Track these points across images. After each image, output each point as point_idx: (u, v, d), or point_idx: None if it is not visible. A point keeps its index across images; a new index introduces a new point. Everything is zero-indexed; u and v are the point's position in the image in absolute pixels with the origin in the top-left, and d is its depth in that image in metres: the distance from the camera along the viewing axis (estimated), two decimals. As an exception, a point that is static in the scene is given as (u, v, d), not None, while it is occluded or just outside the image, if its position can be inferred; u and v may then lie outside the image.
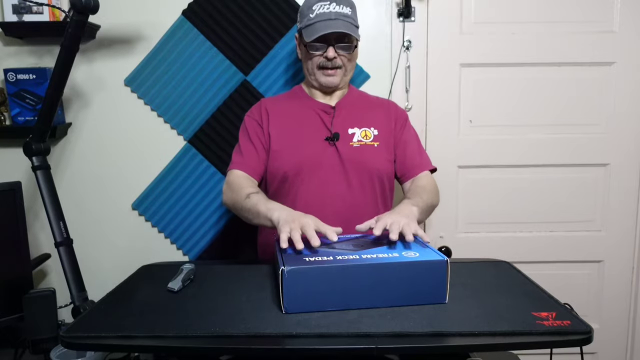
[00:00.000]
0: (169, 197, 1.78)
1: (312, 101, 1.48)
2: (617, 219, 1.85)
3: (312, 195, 1.39)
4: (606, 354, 1.92)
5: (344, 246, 1.10)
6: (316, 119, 1.45)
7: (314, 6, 1.37)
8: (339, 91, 1.49)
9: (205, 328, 0.92)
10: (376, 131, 1.44)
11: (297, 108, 1.47)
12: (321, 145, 1.41)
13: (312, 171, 1.39)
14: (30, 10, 1.58)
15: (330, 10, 1.36)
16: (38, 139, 1.43)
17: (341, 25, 1.34)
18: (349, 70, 1.45)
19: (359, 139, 1.42)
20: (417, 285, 0.99)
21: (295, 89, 1.55)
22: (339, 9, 1.37)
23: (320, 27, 1.35)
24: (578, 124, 1.80)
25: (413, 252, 1.04)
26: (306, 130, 1.43)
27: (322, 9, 1.36)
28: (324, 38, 1.36)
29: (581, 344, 0.89)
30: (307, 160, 1.40)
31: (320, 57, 1.39)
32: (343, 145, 1.41)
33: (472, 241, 1.87)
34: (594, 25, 1.75)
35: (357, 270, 0.97)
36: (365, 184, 1.41)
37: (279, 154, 1.41)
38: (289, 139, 1.42)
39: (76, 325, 0.96)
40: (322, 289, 0.97)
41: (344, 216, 1.35)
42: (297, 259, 1.00)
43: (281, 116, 1.46)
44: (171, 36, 1.70)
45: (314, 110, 1.46)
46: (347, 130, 1.43)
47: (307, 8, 1.40)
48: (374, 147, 1.43)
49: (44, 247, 1.77)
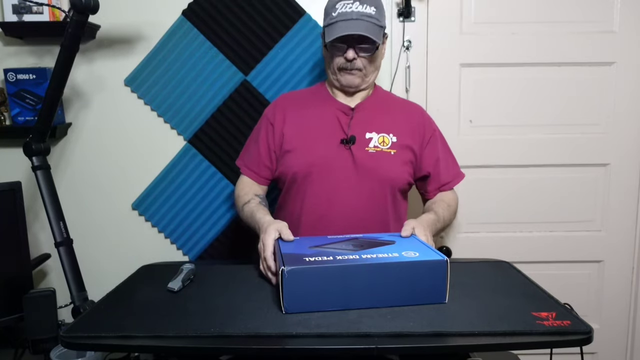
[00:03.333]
0: (169, 197, 1.78)
1: (332, 100, 1.43)
2: (617, 219, 1.85)
3: (320, 197, 1.35)
4: (606, 354, 1.92)
5: (343, 246, 1.10)
6: (333, 119, 1.40)
7: (337, 4, 1.32)
8: (363, 92, 1.43)
9: (205, 328, 0.92)
10: (395, 138, 1.38)
11: (316, 107, 1.43)
12: (335, 147, 1.37)
13: (322, 173, 1.35)
14: (30, 10, 1.58)
15: (352, 10, 1.30)
16: (38, 139, 1.43)
17: (361, 27, 1.29)
18: (371, 72, 1.39)
19: (375, 144, 1.37)
20: (417, 285, 0.99)
21: (318, 86, 1.51)
22: (361, 9, 1.30)
23: (340, 27, 1.29)
24: (578, 124, 1.80)
25: (413, 252, 1.04)
26: (322, 130, 1.39)
27: (344, 7, 1.31)
28: (345, 39, 1.30)
29: (581, 344, 0.89)
30: (319, 161, 1.36)
31: (341, 58, 1.35)
32: (358, 150, 1.36)
33: (472, 241, 1.87)
34: (594, 25, 1.75)
35: (357, 270, 0.97)
36: (375, 191, 1.36)
37: (291, 154, 1.38)
38: (303, 139, 1.39)
39: (76, 325, 0.96)
40: (322, 289, 0.97)
41: (350, 222, 1.34)
42: (297, 259, 1.00)
43: (298, 115, 1.42)
44: (171, 36, 1.70)
45: (332, 111, 1.41)
46: (364, 134, 1.37)
47: (331, 6, 1.34)
48: (390, 154, 1.37)
49: (44, 247, 1.77)
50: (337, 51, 1.34)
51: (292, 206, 1.40)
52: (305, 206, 1.36)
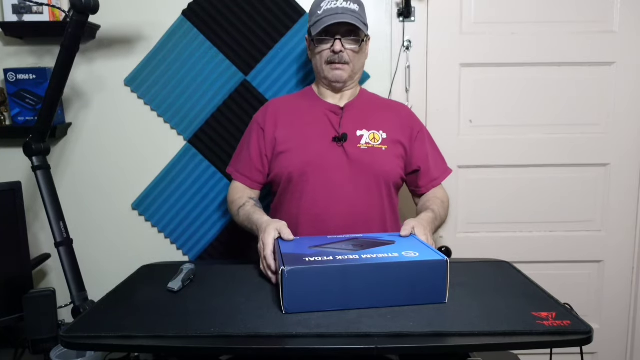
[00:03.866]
0: (169, 197, 1.78)
1: (321, 102, 1.47)
2: (617, 219, 1.85)
3: (318, 195, 1.37)
4: (606, 354, 1.92)
5: (343, 246, 1.10)
6: (324, 119, 1.43)
7: (322, 3, 1.39)
8: (349, 91, 1.47)
9: (205, 328, 0.92)
10: (385, 135, 1.42)
11: (306, 108, 1.46)
12: (328, 145, 1.39)
13: (317, 171, 1.38)
14: (30, 10, 1.58)
15: (337, 5, 1.37)
16: (38, 139, 1.43)
17: (348, 18, 1.34)
18: (357, 67, 1.44)
19: (367, 141, 1.40)
20: (417, 285, 0.99)
21: (305, 90, 1.54)
22: (346, 5, 1.37)
23: (327, 20, 1.35)
24: (578, 124, 1.80)
25: (413, 252, 1.04)
26: (313, 130, 1.42)
27: (329, 4, 1.37)
28: (331, 32, 1.36)
29: (581, 344, 0.89)
30: (313, 160, 1.38)
31: (327, 52, 1.39)
32: (351, 147, 1.39)
33: (472, 241, 1.87)
34: (594, 25, 1.75)
35: (356, 270, 0.97)
36: (372, 186, 1.39)
37: (285, 155, 1.40)
38: (296, 140, 1.41)
39: (76, 325, 0.96)
40: (321, 289, 0.97)
41: (349, 218, 1.35)
42: (297, 259, 1.00)
43: (289, 118, 1.45)
44: (171, 36, 1.70)
45: (322, 111, 1.44)
46: (355, 132, 1.41)
47: (316, 6, 1.41)
48: (382, 150, 1.41)
49: (44, 247, 1.77)
50: (324, 44, 1.39)
51: (289, 206, 1.40)
52: (303, 205, 1.37)
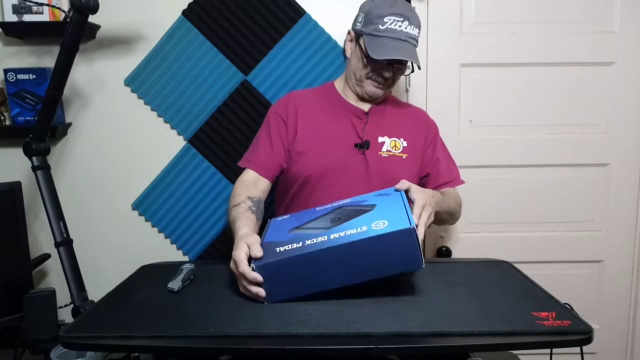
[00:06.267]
0: (169, 197, 1.78)
1: (344, 102, 1.43)
2: (617, 219, 1.85)
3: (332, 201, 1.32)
4: (606, 354, 1.92)
5: (321, 223, 1.11)
6: (347, 122, 1.39)
7: (386, 18, 1.30)
8: None
9: (205, 328, 0.92)
10: (405, 142, 1.40)
11: (328, 108, 1.42)
12: (349, 151, 1.36)
13: (336, 177, 1.35)
14: (30, 10, 1.58)
15: (402, 29, 1.30)
16: (38, 139, 1.43)
17: (409, 52, 1.30)
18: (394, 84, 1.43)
19: (388, 149, 1.38)
20: (389, 257, 0.99)
21: (327, 86, 1.50)
22: (409, 30, 1.31)
23: (389, 46, 1.29)
24: (578, 124, 1.80)
25: (382, 221, 1.01)
26: (335, 133, 1.38)
27: (394, 24, 1.29)
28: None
29: (581, 344, 0.89)
30: (333, 165, 1.35)
31: (375, 71, 1.35)
32: (371, 154, 1.36)
33: (472, 241, 1.87)
34: (594, 25, 1.75)
35: (322, 254, 0.98)
36: None
37: (304, 156, 1.37)
38: (316, 141, 1.37)
39: (76, 325, 0.96)
40: (293, 277, 1.00)
41: None
42: (270, 250, 1.03)
43: (310, 115, 1.41)
44: (171, 36, 1.70)
45: (345, 114, 1.41)
46: (377, 139, 1.38)
47: (376, 15, 1.32)
48: (402, 159, 1.38)
49: (44, 247, 1.77)
50: (374, 64, 1.34)
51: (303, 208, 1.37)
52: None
